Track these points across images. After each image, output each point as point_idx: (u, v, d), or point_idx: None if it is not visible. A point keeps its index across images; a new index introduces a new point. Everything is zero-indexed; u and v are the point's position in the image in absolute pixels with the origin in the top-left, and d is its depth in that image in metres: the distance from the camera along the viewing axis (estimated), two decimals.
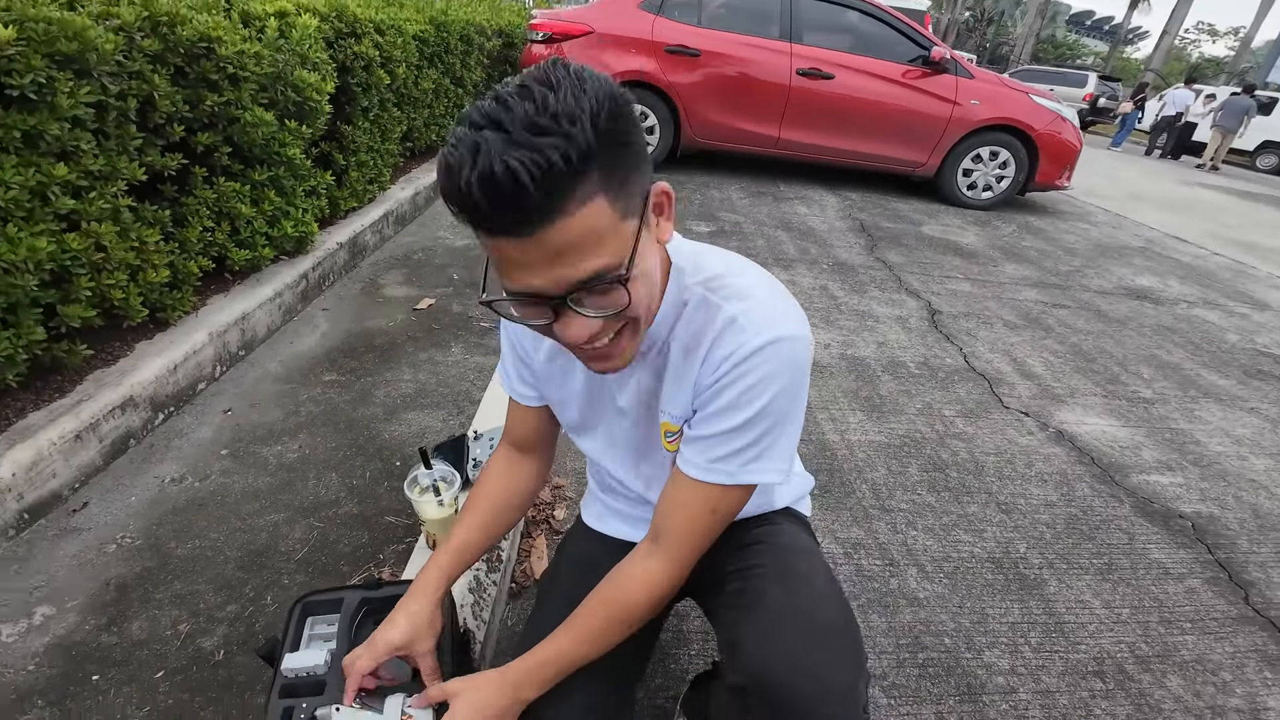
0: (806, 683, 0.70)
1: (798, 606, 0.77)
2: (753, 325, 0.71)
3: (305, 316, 2.47)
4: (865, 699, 0.74)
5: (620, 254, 0.60)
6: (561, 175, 0.53)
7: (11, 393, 1.55)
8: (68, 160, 1.51)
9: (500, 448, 1.03)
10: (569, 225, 0.55)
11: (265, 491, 1.62)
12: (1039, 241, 4.57)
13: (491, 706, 0.77)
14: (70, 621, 1.24)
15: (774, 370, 0.71)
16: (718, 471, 0.75)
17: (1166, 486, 1.99)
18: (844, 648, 0.74)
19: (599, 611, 0.80)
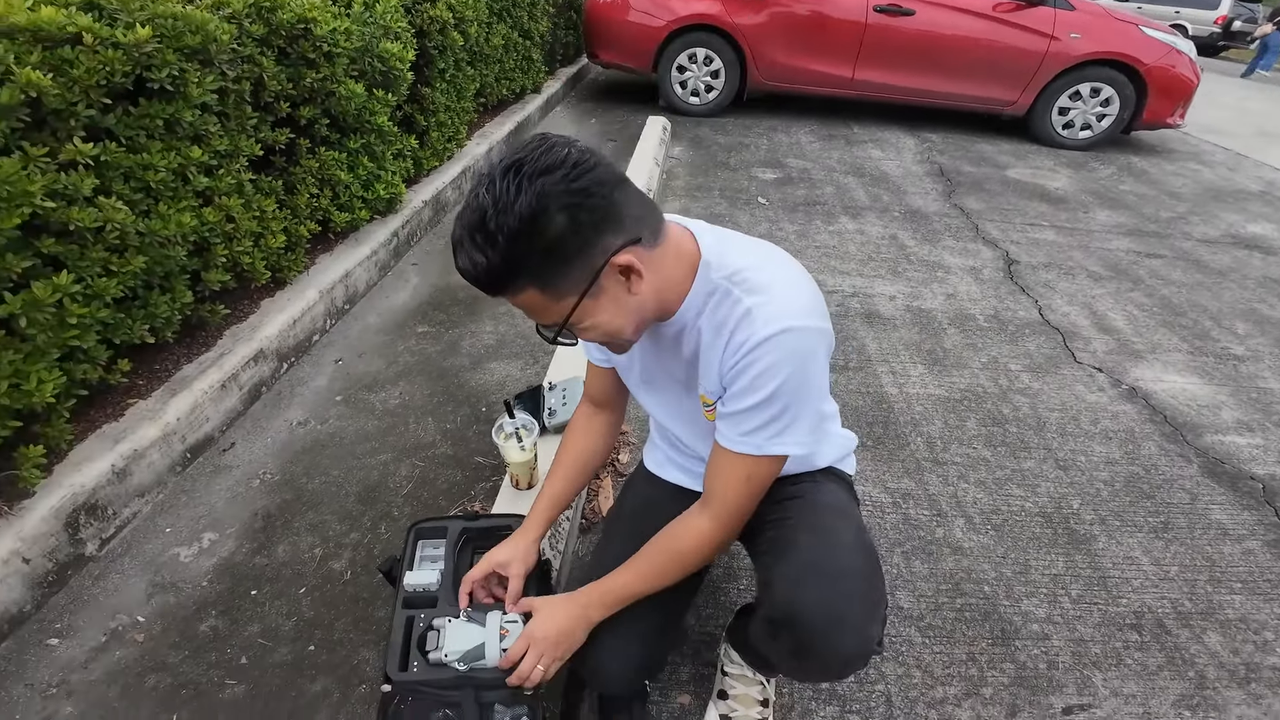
0: (824, 618, 0.85)
1: (821, 555, 0.91)
2: (764, 317, 0.81)
3: (398, 272, 2.70)
4: (878, 636, 0.88)
5: (557, 319, 0.79)
6: (491, 280, 0.73)
7: (168, 348, 1.83)
8: (199, 143, 1.73)
9: (581, 405, 1.21)
10: (514, 299, 0.77)
11: (374, 434, 1.86)
12: (1140, 185, 4.26)
13: (566, 619, 0.95)
14: (230, 546, 1.51)
15: (781, 358, 0.81)
16: (746, 444, 0.86)
17: (1242, 447, 1.95)
18: (859, 592, 0.88)
19: (658, 557, 0.95)
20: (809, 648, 0.86)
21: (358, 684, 1.23)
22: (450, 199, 3.23)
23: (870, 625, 0.86)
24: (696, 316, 0.88)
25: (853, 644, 0.85)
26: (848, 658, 0.87)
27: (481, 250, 0.70)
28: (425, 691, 1.01)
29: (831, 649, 0.85)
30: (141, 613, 1.34)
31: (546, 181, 0.69)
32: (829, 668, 0.91)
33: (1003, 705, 1.25)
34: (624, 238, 0.76)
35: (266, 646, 1.29)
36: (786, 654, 0.91)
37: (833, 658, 0.87)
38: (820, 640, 0.85)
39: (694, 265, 0.86)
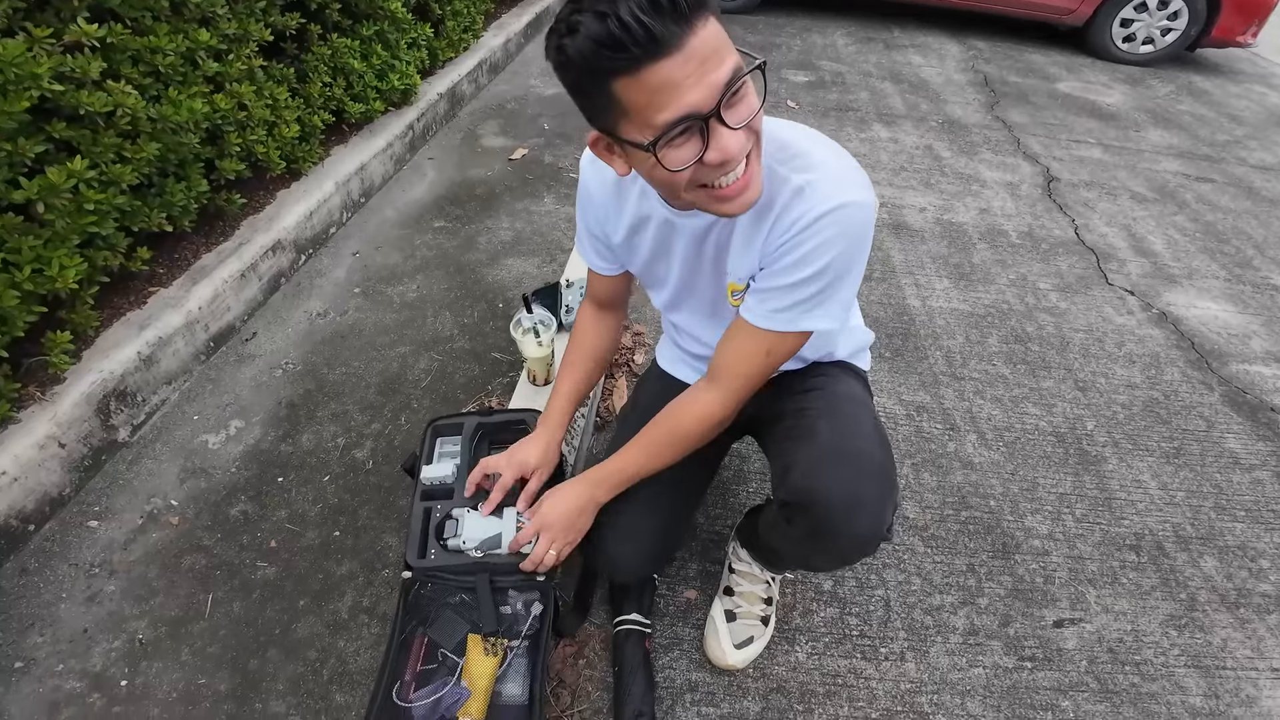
0: (842, 498, 0.87)
1: (841, 440, 0.92)
2: (819, 193, 0.78)
3: (414, 165, 2.63)
4: (891, 520, 0.90)
5: (737, 62, 0.67)
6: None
7: (187, 237, 1.82)
8: (208, 26, 1.65)
9: (585, 305, 1.21)
10: (708, 30, 0.63)
11: (393, 327, 1.87)
12: (1199, 105, 3.97)
13: (575, 502, 0.99)
14: (256, 433, 1.56)
15: (838, 233, 0.78)
16: (777, 319, 0.85)
17: (1267, 378, 1.92)
18: (876, 474, 0.90)
19: (659, 434, 0.97)
20: (825, 528, 0.88)
21: (381, 568, 1.30)
22: (466, 92, 3.09)
23: (885, 509, 0.88)
24: None
25: (868, 526, 0.87)
26: (863, 539, 0.90)
27: None
28: (443, 577, 1.07)
29: (849, 529, 0.88)
30: (175, 497, 1.41)
31: None
32: (841, 550, 0.93)
33: (996, 615, 1.30)
34: None
35: (295, 531, 1.36)
36: (801, 537, 0.93)
37: (848, 539, 0.89)
38: (839, 520, 0.87)
39: None
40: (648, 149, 0.68)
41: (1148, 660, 1.24)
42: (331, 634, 1.20)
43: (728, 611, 1.22)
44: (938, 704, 1.16)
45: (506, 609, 1.07)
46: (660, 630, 1.25)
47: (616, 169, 0.77)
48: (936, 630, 1.27)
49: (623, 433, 1.20)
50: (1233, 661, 1.24)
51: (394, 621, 1.03)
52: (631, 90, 0.64)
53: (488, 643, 1.00)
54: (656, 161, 0.69)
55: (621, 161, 0.76)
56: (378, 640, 1.19)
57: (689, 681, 1.17)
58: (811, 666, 1.21)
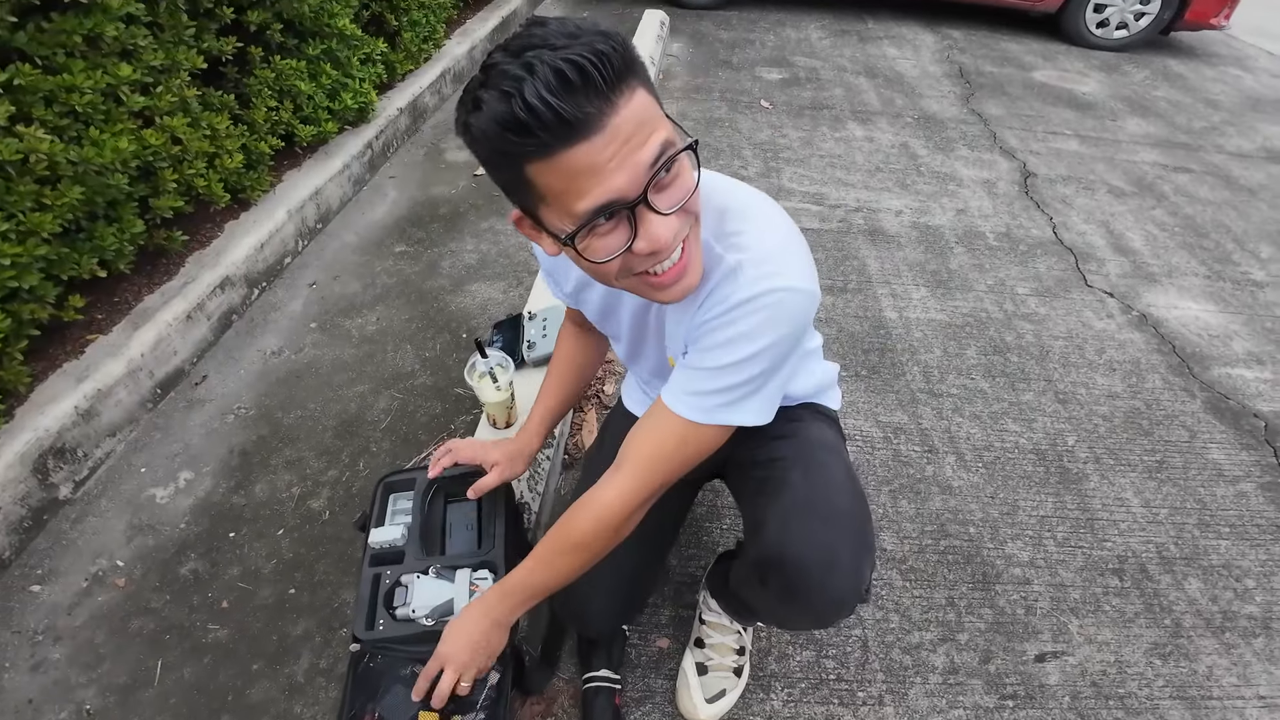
0: (816, 559, 0.82)
1: (815, 494, 0.86)
2: (753, 274, 0.71)
3: (374, 185, 2.55)
4: (868, 580, 0.85)
5: (672, 132, 0.61)
6: (614, 63, 0.54)
7: (127, 279, 1.73)
8: (129, 59, 1.56)
9: (565, 324, 1.17)
10: (630, 107, 0.56)
11: (352, 363, 1.80)
12: (1175, 91, 3.94)
13: (475, 630, 0.88)
14: (207, 485, 1.49)
15: (766, 321, 0.71)
16: (697, 407, 0.76)
17: (1249, 381, 1.89)
18: (853, 532, 0.85)
19: (555, 543, 0.85)
20: (799, 590, 0.83)
21: (339, 627, 1.24)
22: (429, 104, 3.00)
23: (862, 568, 0.84)
24: None
25: (844, 587, 0.83)
26: (838, 601, 0.85)
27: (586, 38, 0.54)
28: (393, 649, 1.01)
29: (822, 591, 0.83)
30: (122, 556, 1.34)
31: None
32: (816, 612, 0.88)
33: (977, 651, 1.26)
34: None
35: (248, 589, 1.29)
36: (774, 598, 0.88)
37: (822, 601, 0.85)
38: (814, 581, 0.82)
39: None
40: (566, 242, 0.61)
41: (1131, 693, 1.20)
42: (287, 699, 1.14)
43: (699, 664, 1.17)
44: None
45: None
46: (632, 682, 1.20)
47: (545, 248, 0.70)
48: (915, 670, 1.23)
49: (589, 474, 1.14)
50: (1219, 691, 1.21)
51: (342, 698, 0.98)
52: (545, 175, 0.57)
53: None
54: (578, 254, 0.62)
55: (549, 241, 0.68)
56: (334, 706, 1.13)
57: None
58: (788, 715, 1.16)
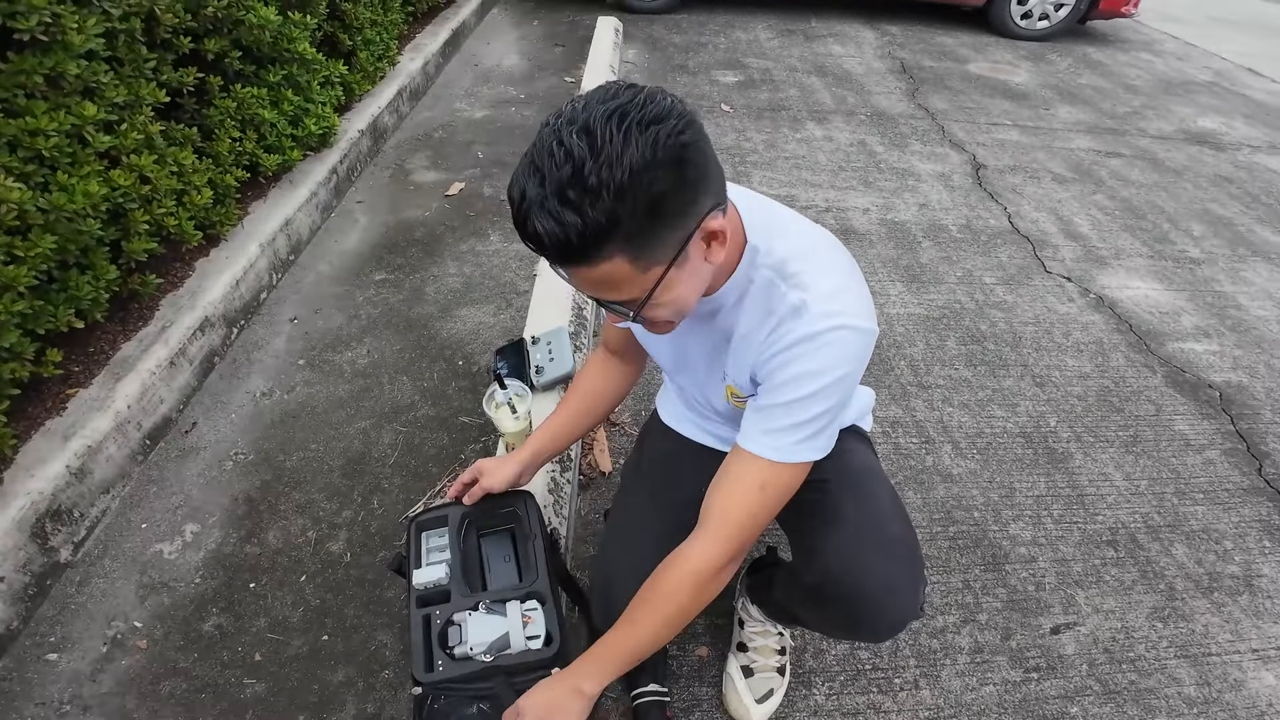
0: (878, 588, 0.86)
1: (869, 523, 0.91)
2: (817, 312, 0.75)
3: (342, 211, 2.48)
4: (924, 598, 0.91)
5: (637, 294, 0.68)
6: (578, 246, 0.61)
7: (100, 327, 1.65)
8: (92, 97, 1.49)
9: (597, 350, 1.17)
10: (589, 273, 0.65)
11: (347, 399, 1.76)
12: (1097, 78, 4.20)
13: (558, 694, 0.85)
14: (216, 536, 1.44)
15: (831, 357, 0.75)
16: (770, 446, 0.79)
17: (1200, 355, 2.05)
18: (908, 559, 0.90)
19: (649, 608, 0.85)
20: (862, 617, 0.88)
21: (379, 670, 1.22)
22: (388, 124, 2.94)
23: (918, 591, 0.89)
24: (737, 301, 0.83)
25: (904, 611, 0.88)
26: (897, 623, 0.90)
27: (576, 208, 0.58)
28: (455, 687, 1.01)
29: (885, 616, 0.88)
30: (138, 617, 1.28)
31: (660, 131, 0.59)
32: (878, 633, 0.94)
33: (997, 630, 1.33)
34: (713, 200, 0.68)
35: (279, 640, 1.26)
36: (834, 622, 0.93)
37: (885, 625, 0.90)
38: (874, 609, 0.87)
39: (740, 246, 0.80)
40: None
41: (1141, 656, 1.30)
42: None
43: (744, 667, 1.20)
44: None
45: None
46: (677, 693, 1.22)
47: None
48: (944, 653, 1.29)
49: (630, 490, 1.17)
50: (1216, 647, 1.32)
51: None
52: None
53: None
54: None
55: None
56: None
57: None
58: (832, 708, 1.21)
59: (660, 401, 1.25)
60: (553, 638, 0.99)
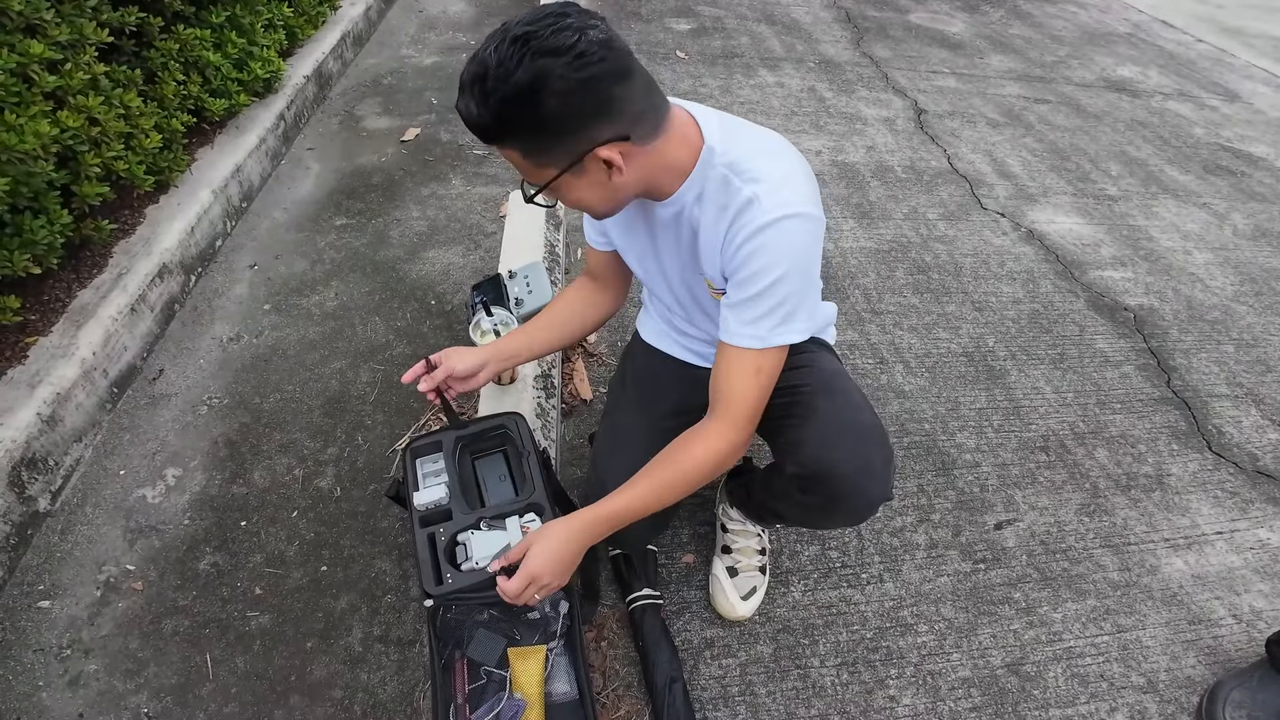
0: (855, 469, 0.97)
1: (844, 415, 1.01)
2: (766, 205, 0.83)
3: (292, 159, 2.41)
4: (892, 477, 1.02)
5: (538, 181, 0.83)
6: (482, 133, 0.77)
7: (53, 275, 1.59)
8: (36, 35, 1.41)
9: (580, 276, 1.23)
10: (501, 151, 0.81)
11: (320, 341, 1.76)
12: (1026, 29, 4.37)
13: (566, 545, 0.92)
14: (199, 479, 1.44)
15: (783, 245, 0.84)
16: (751, 336, 0.88)
17: (1117, 281, 2.24)
18: (880, 443, 1.01)
19: (669, 474, 0.93)
20: (841, 497, 0.99)
21: (382, 594, 1.27)
22: (333, 70, 2.82)
23: (889, 472, 1.00)
24: (696, 200, 0.90)
25: (879, 490, 0.99)
26: (874, 501, 1.02)
27: (478, 104, 0.74)
28: (465, 597, 1.07)
29: (863, 495, 0.99)
30: (129, 560, 1.29)
31: (548, 63, 0.70)
32: (856, 512, 1.05)
33: (949, 527, 1.48)
34: (613, 132, 0.78)
35: (277, 574, 1.29)
36: (817, 505, 1.03)
37: (863, 503, 1.01)
38: (852, 488, 0.98)
39: (696, 151, 0.88)
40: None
41: (1071, 547, 1.47)
42: (350, 669, 1.17)
43: (729, 568, 1.31)
44: (918, 614, 1.33)
45: (535, 614, 1.10)
46: (668, 597, 1.32)
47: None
48: (904, 549, 1.43)
49: (616, 406, 1.26)
50: (1134, 538, 1.50)
51: (430, 649, 1.03)
52: None
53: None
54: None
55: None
56: (400, 667, 1.18)
57: (705, 639, 1.26)
58: (808, 602, 1.33)
59: (640, 322, 1.32)
60: None
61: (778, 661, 1.24)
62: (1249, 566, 1.47)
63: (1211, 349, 2.02)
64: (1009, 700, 1.22)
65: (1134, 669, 1.28)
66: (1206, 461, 1.68)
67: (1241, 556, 1.48)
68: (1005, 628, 1.32)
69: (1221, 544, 1.50)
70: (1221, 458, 1.69)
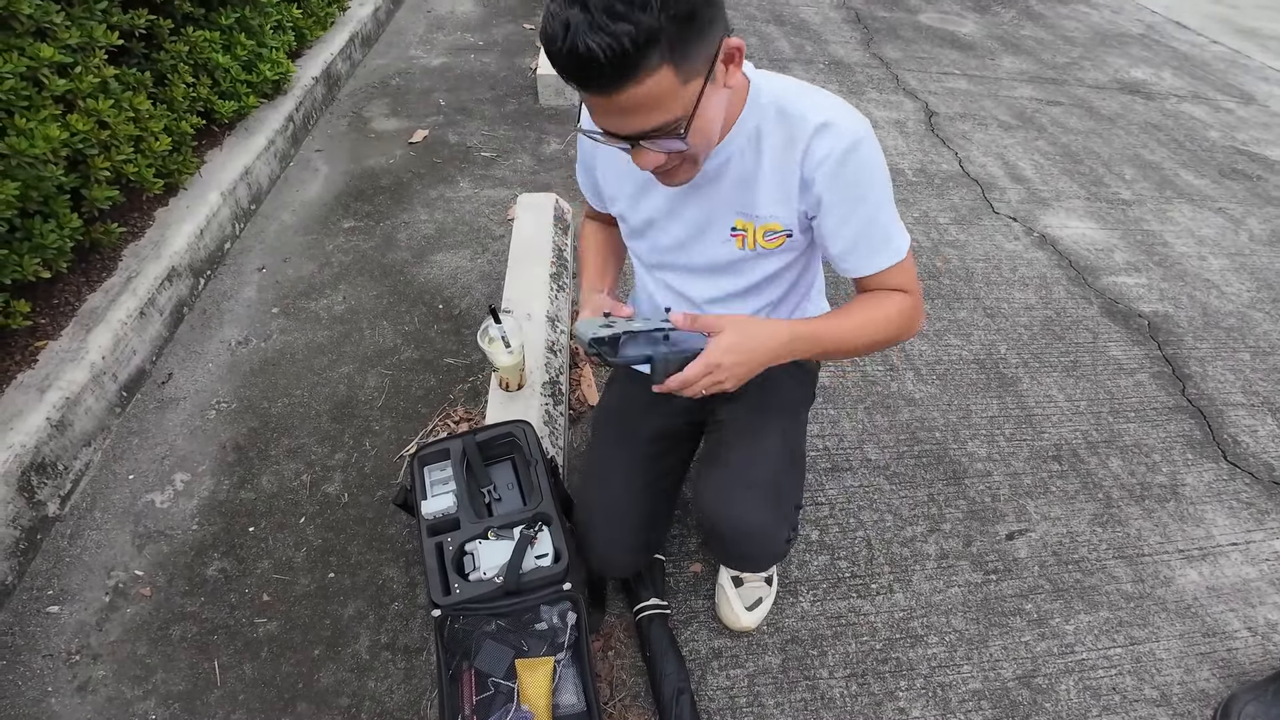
0: (733, 528, 1.01)
1: (741, 465, 1.03)
2: (844, 127, 0.83)
3: (301, 161, 2.41)
4: (790, 536, 1.05)
5: (681, 112, 0.72)
6: (631, 55, 0.64)
7: (63, 278, 1.59)
8: (46, 38, 1.42)
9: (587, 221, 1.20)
10: (637, 92, 0.68)
11: (328, 345, 1.76)
12: (1038, 29, 4.33)
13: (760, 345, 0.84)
14: (208, 484, 1.44)
15: (876, 161, 0.86)
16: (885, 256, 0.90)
17: (1131, 287, 2.22)
18: (771, 500, 1.02)
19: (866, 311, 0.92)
20: (723, 550, 1.07)
21: (389, 602, 1.27)
22: (342, 71, 2.83)
23: (776, 534, 1.03)
24: (751, 140, 0.88)
25: (759, 549, 1.05)
26: (758, 557, 1.08)
27: (625, 17, 0.62)
28: (472, 608, 1.06)
29: (741, 551, 1.05)
30: (138, 566, 1.29)
31: None
32: (741, 563, 1.14)
33: (959, 537, 1.47)
34: (725, 21, 0.74)
35: (285, 580, 1.29)
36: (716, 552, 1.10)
37: (747, 559, 1.09)
38: (731, 545, 1.04)
39: (745, 88, 0.87)
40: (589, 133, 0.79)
41: (1084, 558, 1.45)
42: (358, 677, 1.17)
43: (734, 578, 1.29)
44: (929, 625, 1.31)
45: (542, 624, 1.09)
46: (675, 606, 1.31)
47: None
48: (914, 559, 1.42)
49: (600, 439, 1.23)
50: (1148, 548, 1.48)
51: (437, 659, 1.03)
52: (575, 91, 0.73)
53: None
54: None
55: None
56: (407, 675, 1.17)
57: (712, 649, 1.25)
58: (817, 613, 1.32)
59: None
60: (560, 554, 1.05)
61: (786, 672, 1.23)
62: (1265, 578, 1.44)
63: (1227, 356, 1.99)
64: (1020, 713, 1.20)
65: (1147, 682, 1.26)
66: (1222, 471, 1.66)
67: (1257, 568, 1.46)
68: (1017, 639, 1.31)
69: (1237, 555, 1.48)
70: (1237, 467, 1.67)
